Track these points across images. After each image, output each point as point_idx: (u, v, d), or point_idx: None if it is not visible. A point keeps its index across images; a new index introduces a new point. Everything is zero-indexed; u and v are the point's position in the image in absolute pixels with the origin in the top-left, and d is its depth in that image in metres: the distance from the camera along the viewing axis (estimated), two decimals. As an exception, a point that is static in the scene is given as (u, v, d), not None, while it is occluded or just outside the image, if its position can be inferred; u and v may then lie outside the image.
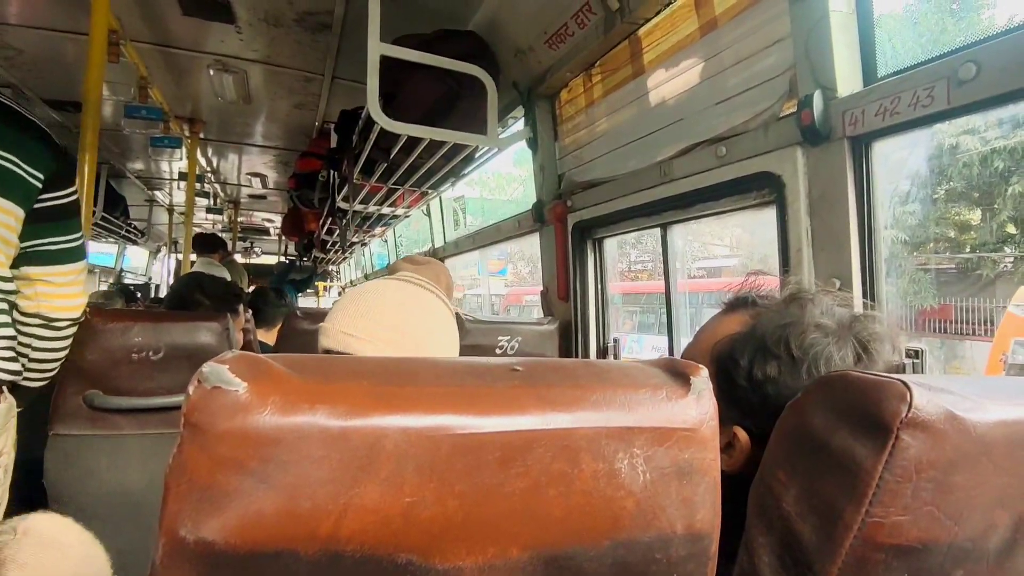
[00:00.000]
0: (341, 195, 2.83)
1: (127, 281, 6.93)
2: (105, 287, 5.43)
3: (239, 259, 7.27)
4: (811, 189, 1.19)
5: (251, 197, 5.90)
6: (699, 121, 1.54)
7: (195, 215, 4.49)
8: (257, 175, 4.98)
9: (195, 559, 0.30)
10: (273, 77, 2.92)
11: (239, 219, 6.92)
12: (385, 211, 3.23)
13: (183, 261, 4.15)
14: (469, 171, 2.57)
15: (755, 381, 0.61)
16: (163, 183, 5.25)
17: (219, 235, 5.20)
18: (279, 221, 6.69)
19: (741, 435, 0.61)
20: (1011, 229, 8.19)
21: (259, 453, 0.30)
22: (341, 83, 2.92)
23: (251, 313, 2.20)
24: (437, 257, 3.86)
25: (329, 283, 9.82)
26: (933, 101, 0.96)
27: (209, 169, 4.78)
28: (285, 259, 7.75)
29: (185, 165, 3.89)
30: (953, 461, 0.41)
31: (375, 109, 1.70)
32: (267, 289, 2.86)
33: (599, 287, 2.12)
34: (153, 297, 6.21)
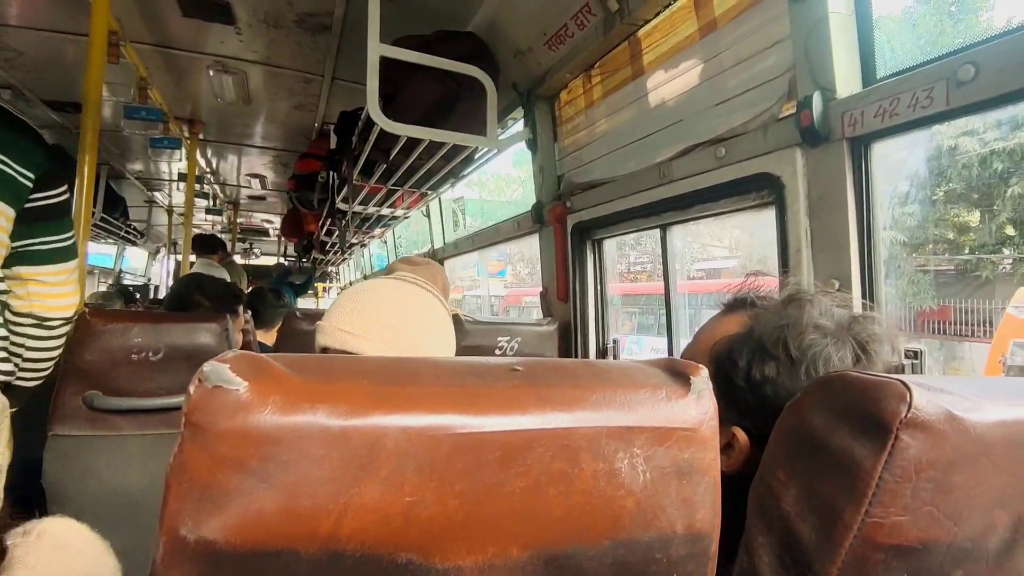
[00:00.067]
0: (340, 196, 2.83)
1: (126, 282, 6.92)
2: (104, 288, 5.42)
3: (238, 260, 7.26)
4: (810, 190, 1.19)
5: (250, 198, 5.89)
6: (698, 122, 1.54)
7: (194, 216, 4.48)
8: (256, 176, 4.98)
9: (196, 558, 0.30)
10: (273, 78, 2.92)
11: (238, 220, 6.91)
12: (384, 212, 3.23)
13: (182, 262, 4.14)
14: (468, 172, 2.57)
15: (753, 382, 0.61)
16: (162, 184, 5.24)
17: (218, 236, 5.20)
18: (278, 222, 6.68)
19: (740, 435, 0.61)
20: (1010, 231, 8.20)
21: (260, 452, 0.30)
22: (341, 84, 2.92)
23: (250, 314, 2.19)
24: (436, 258, 3.86)
25: (328, 284, 9.81)
26: (932, 102, 0.96)
27: (208, 170, 4.77)
28: (284, 260, 7.73)
29: (184, 166, 3.88)
30: (952, 461, 0.41)
31: (375, 110, 1.70)
32: (265, 289, 2.82)
33: (598, 288, 2.12)
34: (152, 298, 6.20)
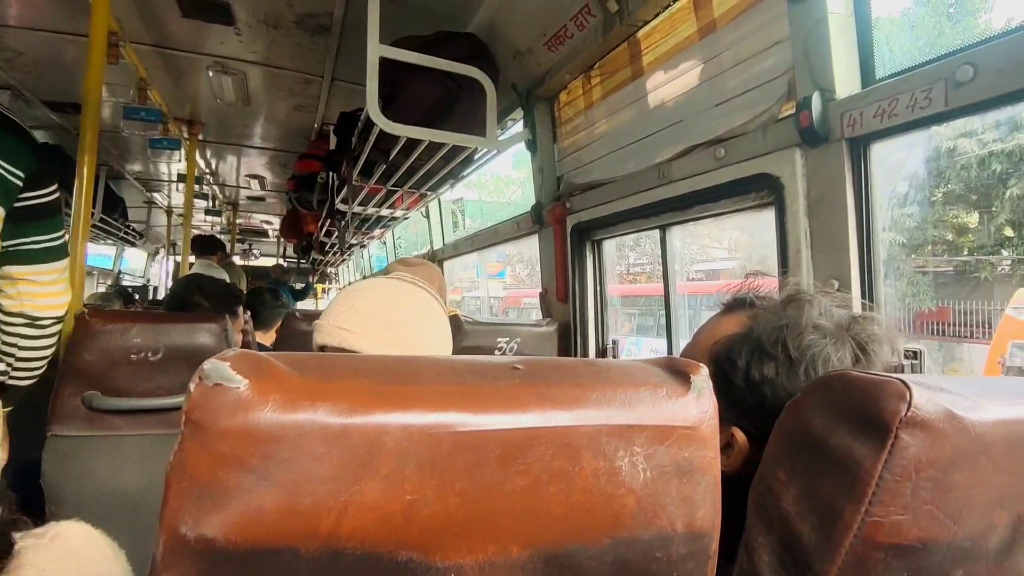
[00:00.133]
0: (340, 197, 2.82)
1: (125, 283, 6.91)
2: (103, 289, 5.41)
3: (237, 261, 7.26)
4: (810, 190, 1.19)
5: (250, 199, 5.89)
6: (698, 123, 1.54)
7: (194, 217, 4.48)
8: (256, 177, 4.97)
9: (196, 556, 0.30)
10: (272, 79, 2.91)
11: (237, 221, 6.91)
12: (384, 213, 3.23)
13: (181, 263, 4.14)
14: (468, 173, 2.57)
15: (752, 382, 0.61)
16: (162, 185, 5.24)
17: (218, 237, 5.20)
18: (278, 223, 6.67)
19: (739, 435, 0.61)
20: (1009, 232, 8.20)
21: (260, 450, 0.30)
22: (340, 85, 2.92)
23: (249, 314, 2.19)
24: (436, 259, 3.86)
25: (328, 285, 9.79)
26: (931, 103, 0.97)
27: (208, 171, 4.77)
28: (284, 261, 7.72)
29: (184, 167, 3.88)
30: (952, 460, 0.41)
31: (374, 111, 1.70)
32: (263, 289, 2.77)
33: (598, 289, 2.12)
34: (151, 299, 6.20)
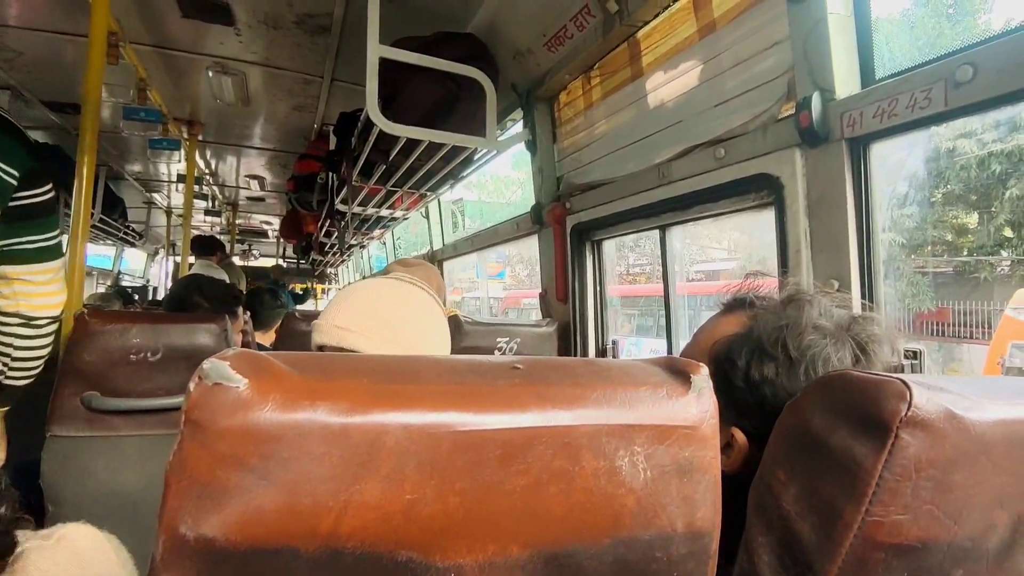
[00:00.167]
0: (340, 197, 2.82)
1: (125, 283, 6.91)
2: (103, 289, 5.41)
3: (237, 261, 7.26)
4: (809, 190, 1.19)
5: (249, 199, 5.89)
6: (698, 123, 1.55)
7: (193, 217, 4.48)
8: (255, 177, 4.97)
9: (195, 556, 0.30)
10: (272, 79, 2.91)
11: (237, 221, 6.91)
12: (384, 213, 3.23)
13: (181, 263, 4.14)
14: (468, 173, 2.57)
15: (752, 382, 0.60)
16: (161, 185, 5.24)
17: (217, 237, 5.19)
18: (277, 223, 6.67)
19: (739, 436, 0.61)
20: (1008, 232, 8.21)
21: (260, 450, 0.30)
22: (340, 85, 2.92)
23: (248, 315, 2.18)
24: (435, 259, 3.86)
25: (327, 286, 9.79)
26: (931, 103, 0.97)
27: (207, 171, 4.77)
28: (283, 262, 7.71)
29: (183, 167, 3.88)
30: (953, 460, 0.41)
31: (374, 111, 1.70)
32: (262, 290, 2.75)
33: (598, 289, 2.12)
34: (151, 299, 6.19)
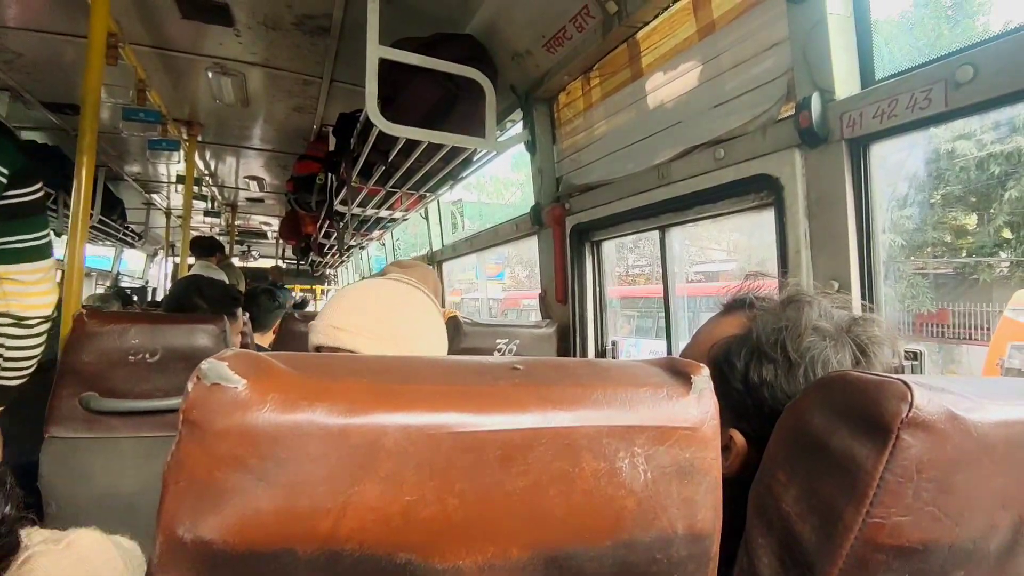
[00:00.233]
0: (339, 198, 2.83)
1: (124, 284, 6.90)
2: (101, 290, 5.40)
3: (236, 262, 7.25)
4: (809, 191, 1.19)
5: (248, 200, 5.89)
6: (697, 124, 1.54)
7: (192, 218, 4.47)
8: (255, 178, 4.97)
9: (193, 557, 0.30)
10: (271, 80, 2.91)
11: (236, 222, 6.91)
12: (383, 214, 3.23)
13: (180, 264, 4.13)
14: (467, 174, 2.57)
15: (751, 384, 0.60)
16: (161, 186, 5.23)
17: (216, 238, 5.19)
18: (276, 224, 6.67)
19: (738, 438, 0.60)
20: (1007, 234, 8.22)
21: (258, 451, 0.30)
22: (339, 86, 2.92)
23: (247, 316, 2.18)
24: (435, 261, 3.87)
25: (327, 287, 9.79)
26: (931, 103, 0.97)
27: (207, 172, 4.77)
28: (283, 263, 7.72)
29: (183, 168, 3.88)
30: (954, 461, 0.41)
31: (373, 112, 1.70)
32: (261, 291, 2.69)
33: (597, 290, 2.12)
34: (150, 300, 6.18)
